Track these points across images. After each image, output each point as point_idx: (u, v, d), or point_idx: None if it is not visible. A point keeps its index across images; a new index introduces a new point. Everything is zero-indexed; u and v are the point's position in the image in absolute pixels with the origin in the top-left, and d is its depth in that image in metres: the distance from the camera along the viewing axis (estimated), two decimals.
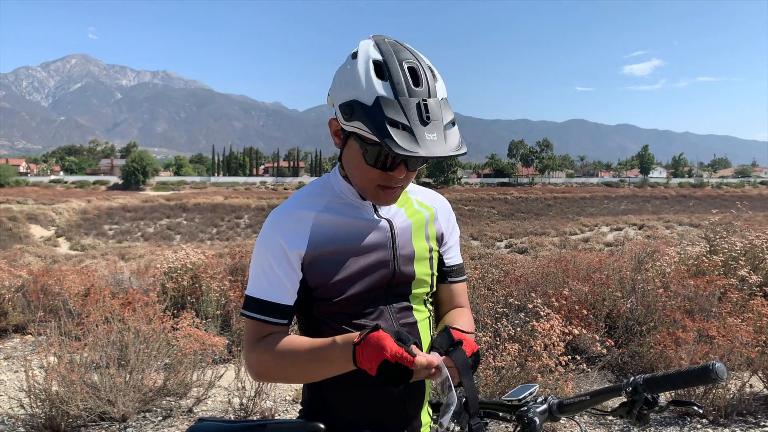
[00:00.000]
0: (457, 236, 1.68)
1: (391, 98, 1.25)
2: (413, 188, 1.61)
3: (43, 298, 7.34)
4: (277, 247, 1.41)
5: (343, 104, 1.31)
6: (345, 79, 1.33)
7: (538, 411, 1.36)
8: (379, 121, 1.23)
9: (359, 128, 1.28)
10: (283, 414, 4.57)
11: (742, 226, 8.36)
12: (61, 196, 69.66)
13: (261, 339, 1.43)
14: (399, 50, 1.33)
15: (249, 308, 1.44)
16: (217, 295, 6.65)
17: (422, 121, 1.24)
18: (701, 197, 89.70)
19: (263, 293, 1.42)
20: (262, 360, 1.41)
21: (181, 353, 4.69)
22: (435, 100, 1.28)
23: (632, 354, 5.16)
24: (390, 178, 1.37)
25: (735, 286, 5.90)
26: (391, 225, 1.49)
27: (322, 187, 1.51)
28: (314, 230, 1.42)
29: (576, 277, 6.47)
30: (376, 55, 1.31)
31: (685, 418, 4.26)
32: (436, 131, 1.25)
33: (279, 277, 1.41)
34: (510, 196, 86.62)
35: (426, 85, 1.28)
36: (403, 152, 1.20)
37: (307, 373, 1.39)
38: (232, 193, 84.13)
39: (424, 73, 1.30)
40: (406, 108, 1.24)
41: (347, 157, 1.41)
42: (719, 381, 1.22)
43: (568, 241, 34.51)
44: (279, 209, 1.47)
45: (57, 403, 4.07)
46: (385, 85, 1.26)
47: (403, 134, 1.22)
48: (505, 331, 4.44)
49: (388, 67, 1.29)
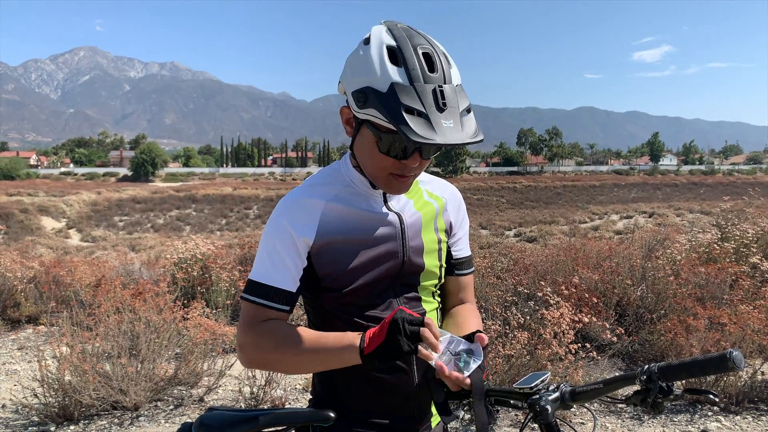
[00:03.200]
0: (467, 228, 1.66)
1: (407, 84, 1.22)
2: (424, 178, 1.59)
3: (55, 289, 7.40)
4: (284, 233, 1.39)
5: (356, 91, 1.28)
6: (358, 66, 1.30)
7: (551, 399, 1.35)
8: (395, 107, 1.20)
9: (373, 116, 1.25)
10: (293, 403, 4.60)
11: (754, 213, 8.29)
12: (72, 188, 70.16)
13: (259, 322, 1.39)
14: (413, 35, 1.30)
15: (250, 292, 1.41)
16: (227, 285, 6.68)
17: (438, 107, 1.21)
18: (712, 184, 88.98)
19: (266, 277, 1.40)
20: (258, 343, 1.38)
21: (192, 343, 4.72)
22: (450, 86, 1.25)
23: (642, 342, 5.14)
24: (403, 167, 1.34)
25: (747, 273, 5.86)
26: (400, 217, 1.47)
27: (331, 176, 1.49)
28: (323, 219, 1.41)
29: (586, 265, 6.44)
30: (389, 40, 1.28)
31: (696, 405, 4.24)
32: (452, 118, 1.22)
33: (284, 262, 1.39)
34: (519, 185, 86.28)
35: (441, 71, 1.25)
36: (421, 139, 1.17)
37: (305, 362, 1.36)
38: (240, 183, 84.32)
39: (438, 58, 1.27)
40: (422, 94, 1.21)
41: (359, 145, 1.39)
42: (737, 370, 1.19)
43: (577, 230, 34.35)
44: (288, 196, 1.45)
45: (70, 392, 4.12)
46: (400, 71, 1.23)
47: (419, 121, 1.19)
48: (515, 320, 4.44)
49: (403, 52, 1.25)
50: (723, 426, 3.94)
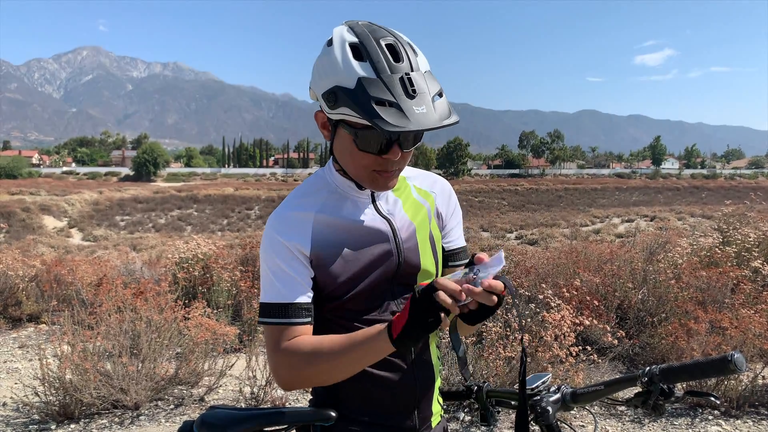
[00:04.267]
0: (459, 218, 1.65)
1: (374, 77, 1.21)
2: (411, 173, 1.58)
3: (57, 287, 7.41)
4: (282, 249, 1.38)
5: (326, 92, 1.28)
6: (324, 68, 1.30)
7: (551, 400, 1.35)
8: (365, 101, 1.19)
9: (346, 114, 1.25)
10: (294, 402, 4.60)
11: (755, 218, 8.27)
12: (74, 187, 70.21)
13: (284, 343, 1.36)
14: (374, 30, 1.30)
15: (266, 315, 1.38)
16: (228, 285, 6.69)
17: (408, 95, 1.20)
18: (714, 188, 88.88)
19: (278, 296, 1.37)
20: (290, 363, 1.35)
21: (193, 342, 4.72)
22: (418, 72, 1.25)
23: (643, 345, 5.14)
24: (385, 162, 1.33)
25: (748, 278, 5.86)
26: (391, 220, 1.46)
27: (316, 184, 1.48)
28: (315, 231, 1.40)
29: (587, 268, 6.43)
30: (351, 38, 1.28)
31: (697, 408, 4.23)
32: (424, 103, 1.21)
33: (291, 277, 1.38)
34: (520, 188, 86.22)
35: (407, 60, 1.25)
36: (394, 129, 1.16)
37: (342, 366, 1.33)
38: (242, 184, 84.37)
39: (402, 48, 1.27)
40: (390, 85, 1.20)
41: (339, 147, 1.38)
42: (738, 372, 1.19)
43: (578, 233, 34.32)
44: (276, 213, 1.44)
45: (71, 391, 4.12)
46: (365, 66, 1.23)
47: (390, 111, 1.18)
48: (516, 322, 4.43)
49: (366, 47, 1.25)
50: (723, 430, 3.93)
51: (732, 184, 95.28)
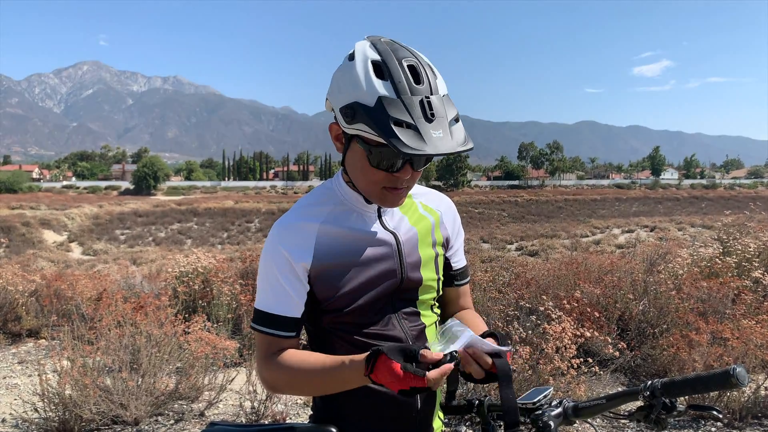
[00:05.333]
0: (462, 238, 1.68)
1: (394, 97, 1.23)
2: (418, 190, 1.59)
3: (56, 302, 7.39)
4: (281, 260, 1.39)
5: (344, 107, 1.29)
6: (344, 82, 1.31)
7: (553, 414, 1.35)
8: (384, 121, 1.21)
9: (363, 130, 1.26)
10: (294, 418, 4.57)
11: (755, 228, 8.27)
12: (74, 201, 70.18)
13: (272, 354, 1.42)
14: (396, 49, 1.31)
15: (258, 321, 1.44)
16: (228, 299, 6.67)
17: (427, 118, 1.22)
18: (714, 198, 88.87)
19: (270, 307, 1.41)
20: (275, 377, 1.42)
21: (193, 357, 4.70)
22: (437, 96, 1.26)
23: (645, 356, 5.12)
24: (395, 179, 1.34)
25: (749, 288, 5.84)
26: (395, 235, 1.47)
27: (324, 195, 1.48)
28: (319, 242, 1.41)
29: (587, 280, 6.42)
30: (374, 55, 1.29)
31: (699, 420, 4.21)
32: (441, 128, 1.23)
33: (285, 290, 1.40)
34: (520, 199, 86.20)
35: (427, 83, 1.26)
36: (411, 151, 1.17)
37: (320, 390, 1.42)
38: (242, 197, 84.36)
39: (423, 70, 1.28)
40: (410, 106, 1.22)
41: (350, 161, 1.39)
42: (740, 386, 1.18)
43: (579, 244, 34.31)
44: (282, 221, 1.45)
45: (70, 406, 4.10)
46: (386, 85, 1.24)
47: (408, 133, 1.20)
48: (517, 334, 4.42)
49: (388, 66, 1.26)
50: None
51: (731, 194, 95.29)
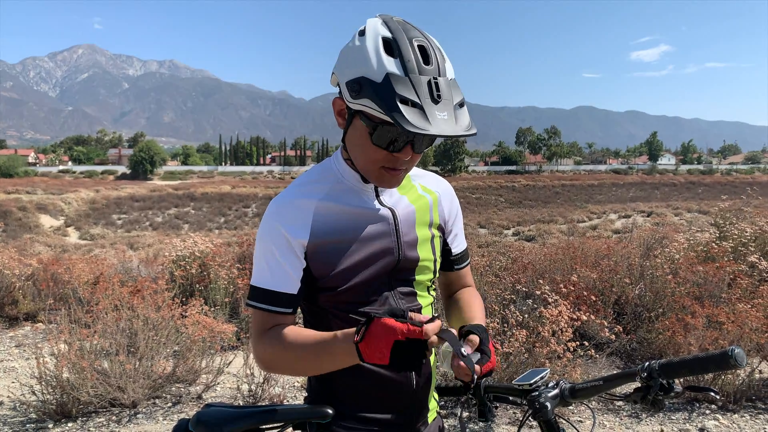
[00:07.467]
0: (461, 222, 1.68)
1: (402, 75, 1.22)
2: (417, 172, 1.59)
3: (53, 286, 7.39)
4: (278, 236, 1.39)
5: (351, 81, 1.27)
6: (353, 56, 1.29)
7: (550, 396, 1.35)
8: (389, 97, 1.19)
9: (367, 106, 1.25)
10: (291, 400, 4.60)
11: (751, 212, 8.30)
12: (70, 185, 69.95)
13: (267, 330, 1.41)
14: (408, 29, 1.30)
15: (254, 298, 1.42)
16: (226, 283, 6.68)
17: (433, 99, 1.21)
18: (710, 184, 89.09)
19: (267, 283, 1.40)
20: (269, 352, 1.40)
21: (190, 340, 4.71)
22: (445, 79, 1.25)
23: (641, 340, 5.14)
24: (395, 160, 1.33)
25: (745, 272, 5.86)
26: (393, 212, 1.47)
27: (322, 173, 1.48)
28: (316, 219, 1.40)
29: (584, 264, 6.44)
30: (385, 32, 1.28)
31: (694, 403, 4.24)
32: (446, 110, 1.22)
33: (282, 266, 1.39)
34: (518, 184, 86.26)
35: (436, 64, 1.26)
36: (415, 129, 1.16)
37: (313, 368, 1.38)
38: (239, 182, 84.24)
39: (433, 51, 1.27)
40: (417, 85, 1.21)
41: (351, 137, 1.38)
42: (738, 367, 1.18)
43: (576, 229, 34.37)
44: (279, 198, 1.44)
45: (68, 389, 4.11)
46: (396, 62, 1.23)
47: (413, 111, 1.18)
48: (513, 318, 4.44)
49: (398, 44, 1.25)
50: (721, 424, 3.94)
51: (728, 180, 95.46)
